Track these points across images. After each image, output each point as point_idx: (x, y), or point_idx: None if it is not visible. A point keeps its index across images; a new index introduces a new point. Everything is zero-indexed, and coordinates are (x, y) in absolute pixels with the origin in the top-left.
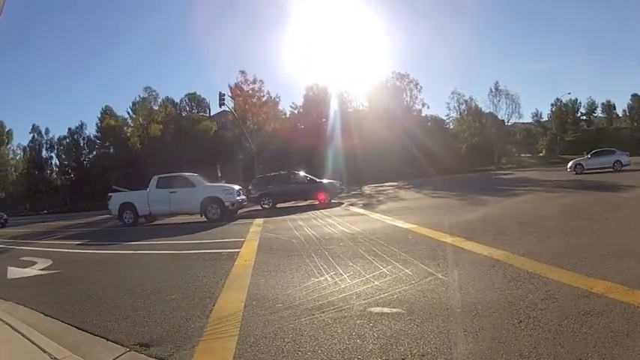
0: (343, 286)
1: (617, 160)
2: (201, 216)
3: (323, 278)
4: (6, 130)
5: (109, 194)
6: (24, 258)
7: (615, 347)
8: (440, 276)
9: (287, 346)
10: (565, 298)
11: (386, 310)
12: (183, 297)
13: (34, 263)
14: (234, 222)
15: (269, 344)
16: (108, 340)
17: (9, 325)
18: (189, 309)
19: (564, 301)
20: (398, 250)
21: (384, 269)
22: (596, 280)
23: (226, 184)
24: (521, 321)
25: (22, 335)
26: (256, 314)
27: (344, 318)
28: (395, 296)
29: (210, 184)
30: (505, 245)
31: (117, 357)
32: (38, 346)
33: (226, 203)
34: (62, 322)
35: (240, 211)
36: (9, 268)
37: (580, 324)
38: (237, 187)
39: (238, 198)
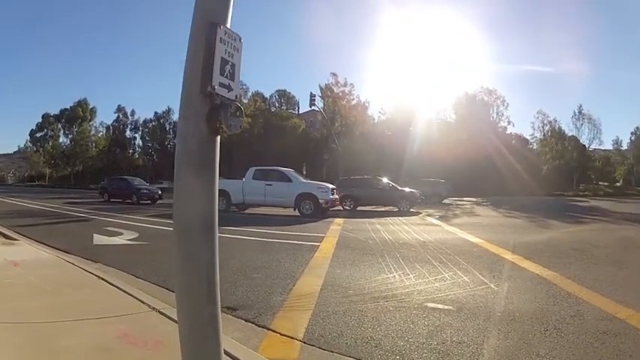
0: (408, 283)
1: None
2: (295, 210)
3: (391, 275)
4: (90, 107)
5: None
6: (109, 228)
7: None
8: (492, 286)
9: (352, 322)
10: (591, 318)
11: (439, 306)
12: (266, 276)
13: (121, 234)
14: (316, 219)
15: (338, 319)
16: None
17: (105, 280)
18: (271, 286)
19: (589, 320)
20: (462, 260)
21: (446, 274)
22: (623, 307)
23: (321, 183)
24: (547, 330)
25: (119, 289)
26: (330, 296)
27: (403, 307)
28: (449, 297)
29: (306, 180)
30: (556, 267)
31: None
32: (136, 298)
33: (320, 200)
34: (154, 284)
35: None
36: (95, 235)
37: (595, 340)
38: (331, 186)
39: (332, 197)
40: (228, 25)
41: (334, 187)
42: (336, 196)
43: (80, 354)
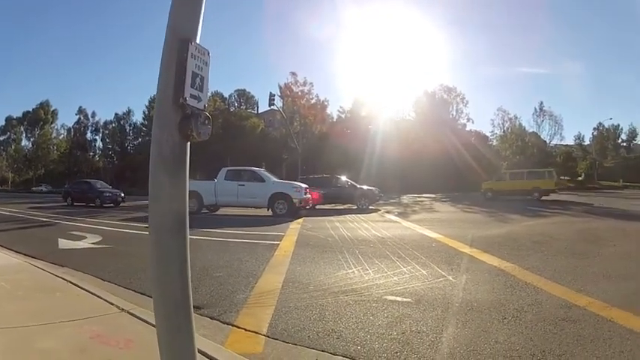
0: (367, 278)
1: None
2: (268, 210)
3: (351, 271)
4: (51, 109)
5: None
6: (73, 232)
7: (576, 348)
8: (450, 278)
9: (314, 316)
10: (549, 306)
11: (398, 298)
12: (229, 275)
13: (84, 238)
14: (287, 220)
15: (300, 314)
16: None
17: (74, 284)
18: (234, 284)
19: (548, 308)
20: (420, 254)
21: (404, 269)
22: (582, 295)
23: (295, 182)
24: (505, 318)
25: (89, 292)
26: (291, 292)
27: (363, 301)
28: (408, 289)
29: (279, 180)
30: (515, 259)
31: None
32: (105, 300)
33: (294, 200)
34: (120, 286)
35: None
36: (59, 239)
37: (554, 326)
38: (304, 186)
39: (305, 196)
40: (198, 41)
41: (307, 186)
42: (309, 196)
43: (59, 355)
